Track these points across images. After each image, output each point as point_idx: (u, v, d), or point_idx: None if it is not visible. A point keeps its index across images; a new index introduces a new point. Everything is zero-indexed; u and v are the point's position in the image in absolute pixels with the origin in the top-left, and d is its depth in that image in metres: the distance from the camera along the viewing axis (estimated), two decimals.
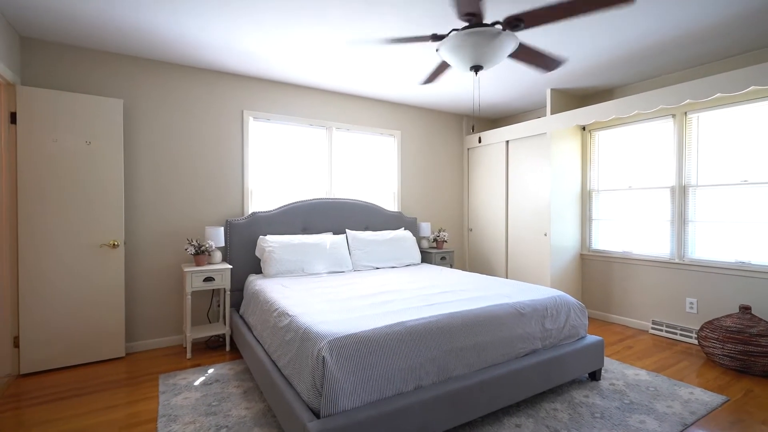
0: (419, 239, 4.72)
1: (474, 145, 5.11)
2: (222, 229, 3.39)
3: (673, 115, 3.61)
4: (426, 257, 4.54)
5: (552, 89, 4.11)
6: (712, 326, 2.98)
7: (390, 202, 4.70)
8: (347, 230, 4.01)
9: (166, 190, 3.40)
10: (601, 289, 4.23)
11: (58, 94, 2.88)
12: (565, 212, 4.22)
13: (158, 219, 3.36)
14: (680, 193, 3.56)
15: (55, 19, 2.66)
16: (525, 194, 4.43)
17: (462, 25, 2.60)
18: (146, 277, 3.32)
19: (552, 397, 2.43)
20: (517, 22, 2.07)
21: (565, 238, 4.23)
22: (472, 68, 2.26)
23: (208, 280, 3.17)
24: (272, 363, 2.24)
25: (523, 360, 2.27)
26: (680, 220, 3.56)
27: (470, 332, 2.13)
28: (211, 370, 2.86)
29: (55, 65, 3.00)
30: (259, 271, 3.60)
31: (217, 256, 3.37)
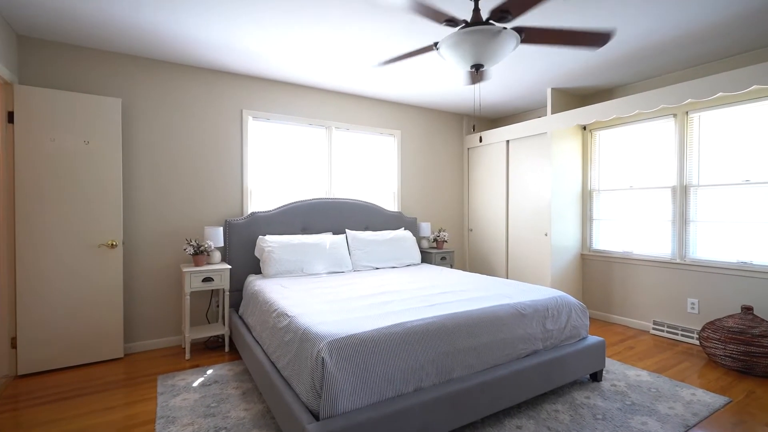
0: (419, 239, 4.70)
1: (474, 145, 5.09)
2: (221, 229, 3.37)
3: (674, 115, 3.59)
4: (426, 257, 4.52)
5: (552, 89, 4.09)
6: (714, 327, 2.96)
7: (390, 202, 4.68)
8: (347, 230, 3.99)
9: (165, 189, 3.38)
10: (602, 290, 4.22)
11: (56, 93, 2.86)
12: (565, 212, 4.20)
13: (157, 219, 3.34)
14: (681, 193, 3.55)
15: (53, 18, 2.64)
16: (525, 194, 4.41)
17: (461, 26, 2.58)
18: (145, 278, 3.30)
19: (553, 399, 2.41)
20: (503, 14, 2.04)
21: (566, 238, 4.21)
22: (473, 67, 2.24)
23: (207, 280, 3.15)
24: (271, 364, 2.22)
25: (524, 361, 2.26)
26: (681, 220, 3.54)
27: (471, 333, 2.12)
28: (210, 371, 2.84)
29: (52, 64, 2.98)
30: (259, 272, 3.59)
31: (216, 257, 3.36)
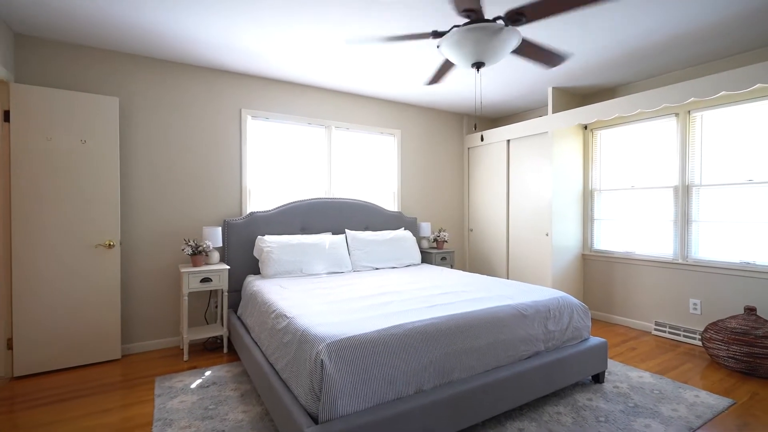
0: (419, 239, 4.68)
1: (474, 145, 5.06)
2: (220, 229, 3.35)
3: (677, 114, 3.57)
4: (426, 257, 4.50)
5: (553, 88, 4.07)
6: (717, 327, 2.93)
7: (390, 202, 4.65)
8: (347, 230, 3.97)
9: (163, 189, 3.35)
10: (603, 290, 4.19)
11: (53, 92, 2.83)
12: (566, 212, 4.18)
13: (155, 219, 3.32)
14: (683, 193, 3.52)
15: (50, 16, 2.61)
16: (526, 194, 4.38)
17: (463, 22, 2.55)
18: (143, 278, 3.27)
19: (555, 401, 2.39)
20: (518, 17, 2.03)
21: (567, 238, 4.19)
22: (474, 65, 2.22)
23: (206, 280, 3.12)
24: (270, 366, 2.20)
25: (525, 363, 2.23)
26: (683, 220, 3.52)
27: (472, 334, 2.09)
28: (208, 373, 2.82)
29: (49, 63, 2.95)
30: (258, 272, 3.56)
31: (215, 257, 3.33)
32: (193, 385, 2.60)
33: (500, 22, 2.11)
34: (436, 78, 2.79)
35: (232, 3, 2.44)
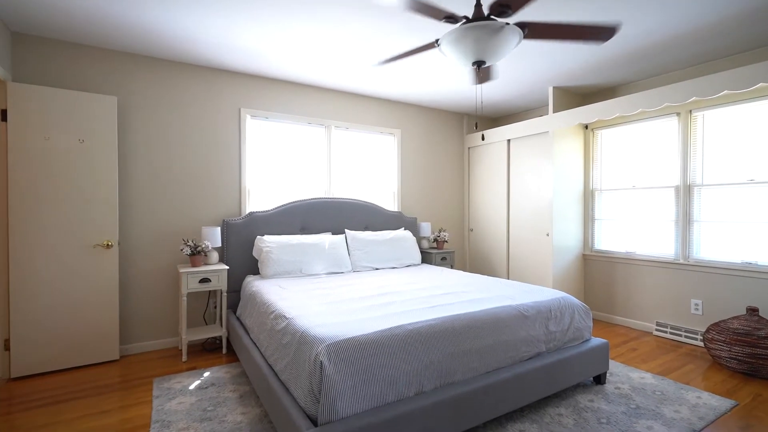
0: (419, 239, 4.66)
1: (475, 144, 5.04)
2: (219, 229, 3.33)
3: (678, 114, 3.55)
4: (426, 257, 4.48)
5: (554, 87, 4.05)
6: (719, 328, 2.92)
7: (390, 202, 4.63)
8: (346, 230, 3.95)
9: (162, 189, 3.33)
10: (604, 290, 4.17)
11: (50, 91, 2.81)
12: (567, 212, 4.16)
13: (153, 219, 3.30)
14: (685, 193, 3.50)
15: (48, 15, 2.59)
16: (526, 194, 4.37)
17: (462, 21, 2.53)
18: (141, 278, 3.25)
19: (556, 402, 2.37)
20: (503, 8, 2.00)
21: (568, 239, 4.17)
22: (475, 63, 2.20)
23: (204, 281, 3.10)
24: (269, 367, 2.18)
25: (526, 364, 2.21)
26: (685, 220, 3.50)
27: (473, 335, 2.07)
28: (206, 374, 2.80)
29: (47, 61, 2.93)
30: (257, 272, 3.54)
31: (214, 257, 3.31)
32: (192, 387, 2.58)
33: (501, 20, 2.08)
34: (402, 57, 2.54)
35: (232, 2, 2.42)
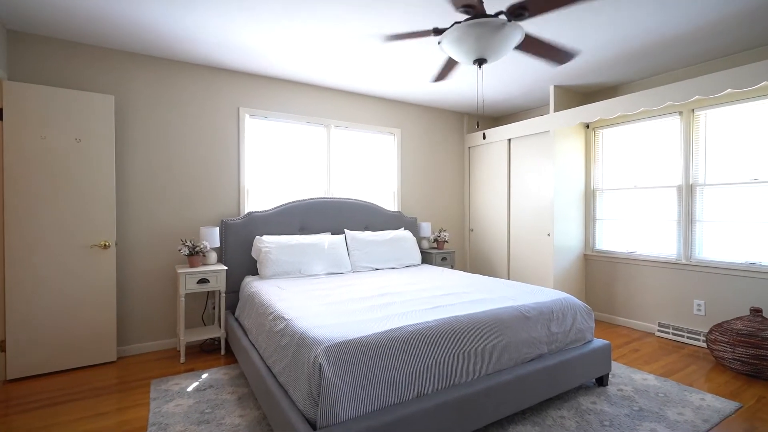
0: (419, 239, 4.63)
1: (475, 144, 5.02)
2: (217, 229, 3.30)
3: (680, 113, 3.52)
4: (426, 258, 4.45)
5: (555, 86, 4.02)
6: (722, 329, 2.89)
7: (390, 202, 4.61)
8: (346, 230, 3.92)
9: (160, 189, 3.30)
10: (606, 291, 4.15)
11: (46, 90, 2.78)
12: (568, 212, 4.13)
13: (151, 219, 3.27)
14: (687, 192, 3.48)
15: (45, 12, 2.56)
16: (527, 194, 4.34)
17: (464, 18, 2.51)
18: (139, 279, 3.22)
19: (558, 404, 2.34)
20: (520, 11, 1.98)
21: (569, 239, 4.14)
22: (476, 61, 2.17)
23: (203, 281, 3.07)
24: (267, 369, 2.15)
25: (528, 365, 2.19)
26: (687, 220, 3.47)
27: (474, 337, 2.04)
28: (205, 375, 2.77)
29: (44, 60, 2.90)
30: (256, 273, 3.51)
31: (212, 257, 3.28)
32: (190, 388, 2.55)
33: (502, 17, 2.06)
34: (442, 75, 2.73)
35: (231, 0, 2.40)
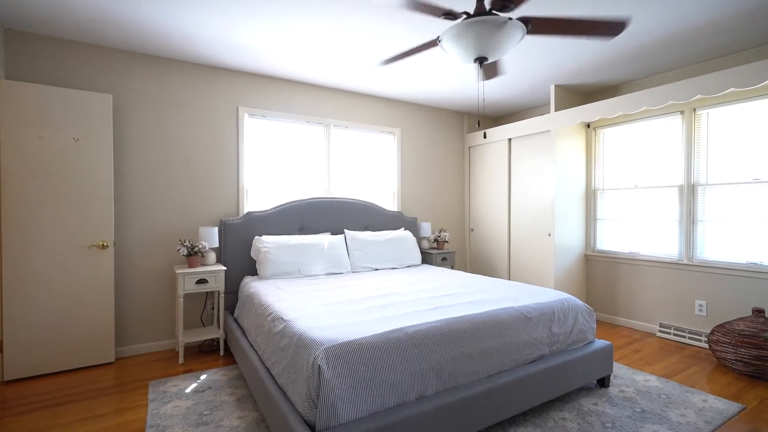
0: (419, 239, 4.61)
1: (475, 144, 5.00)
2: (216, 229, 3.28)
3: (682, 112, 3.50)
4: (426, 258, 4.43)
5: (556, 85, 4.00)
6: (724, 330, 2.87)
7: (390, 202, 4.59)
8: (346, 230, 3.90)
9: (158, 188, 3.28)
10: (607, 291, 4.13)
11: (44, 89, 2.76)
12: (569, 212, 4.11)
13: (150, 219, 3.24)
14: (689, 192, 3.46)
15: (42, 11, 2.54)
16: (528, 193, 4.32)
17: (463, 17, 2.48)
18: (137, 279, 3.20)
19: (560, 406, 2.32)
20: (506, 2, 1.95)
21: (570, 239, 4.12)
22: (476, 60, 2.15)
23: (201, 282, 3.05)
24: (266, 370, 2.13)
25: (529, 367, 2.16)
26: (689, 220, 3.45)
27: (475, 338, 2.02)
28: (203, 376, 2.75)
29: (41, 59, 2.88)
30: (255, 273, 3.49)
31: (211, 258, 3.26)
32: (188, 390, 2.53)
33: (504, 15, 2.04)
34: (403, 56, 2.53)
35: None
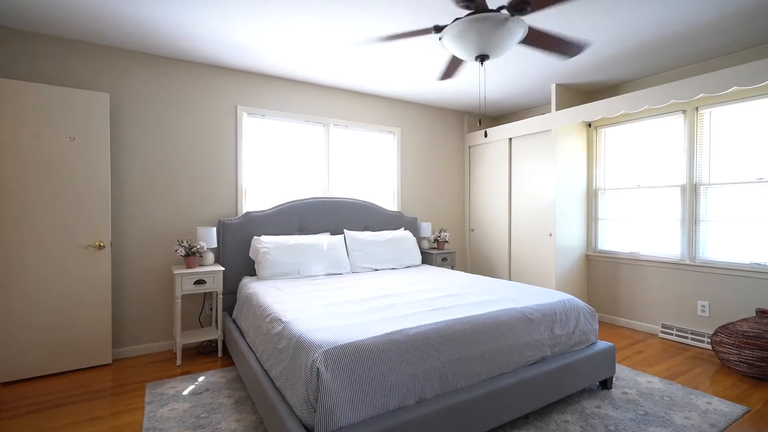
0: (419, 240, 4.58)
1: (476, 143, 4.97)
2: (214, 229, 3.25)
3: (684, 111, 3.47)
4: (426, 258, 4.40)
5: (557, 84, 3.97)
6: (728, 331, 2.84)
7: (389, 202, 4.56)
8: (345, 230, 3.87)
9: (156, 188, 3.25)
10: (608, 292, 4.10)
11: (39, 87, 2.73)
12: (570, 212, 4.08)
13: (147, 219, 3.22)
14: (691, 192, 3.43)
15: (38, 9, 2.51)
16: (528, 193, 4.29)
17: (465, 14, 2.46)
18: (134, 280, 3.17)
19: (562, 408, 2.29)
20: (522, 5, 1.93)
21: (571, 239, 4.09)
22: (478, 58, 2.12)
23: (200, 282, 3.02)
24: (264, 372, 2.10)
25: (531, 369, 2.14)
26: (691, 220, 3.42)
27: (476, 340, 1.99)
28: (201, 378, 2.72)
29: (37, 57, 2.85)
30: (253, 274, 3.46)
31: (209, 258, 3.23)
32: (186, 392, 2.50)
33: (505, 13, 2.01)
34: (449, 72, 2.65)
35: None
